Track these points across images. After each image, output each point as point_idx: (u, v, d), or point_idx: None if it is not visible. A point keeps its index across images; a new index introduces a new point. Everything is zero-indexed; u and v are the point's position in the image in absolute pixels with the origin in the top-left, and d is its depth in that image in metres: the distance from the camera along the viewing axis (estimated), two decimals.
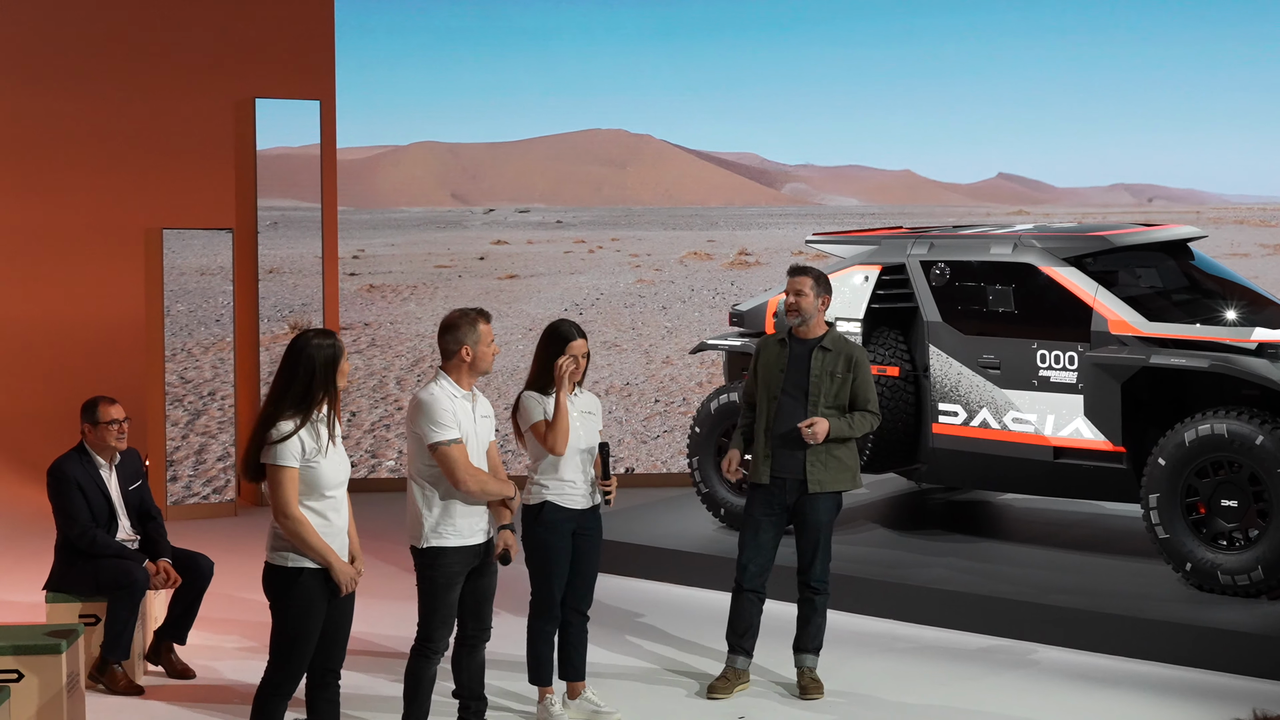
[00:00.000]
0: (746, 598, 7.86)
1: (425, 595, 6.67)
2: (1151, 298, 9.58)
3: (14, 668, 7.15)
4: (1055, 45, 14.44)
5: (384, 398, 13.91)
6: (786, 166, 14.97)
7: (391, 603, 9.47)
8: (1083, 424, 9.34)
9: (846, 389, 7.72)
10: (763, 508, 7.79)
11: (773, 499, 7.77)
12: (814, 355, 7.72)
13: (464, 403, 6.65)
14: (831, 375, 7.69)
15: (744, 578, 7.85)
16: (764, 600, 7.90)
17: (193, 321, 12.82)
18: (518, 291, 14.21)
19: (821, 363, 7.70)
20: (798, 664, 7.91)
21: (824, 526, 7.78)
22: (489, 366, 6.71)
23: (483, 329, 6.66)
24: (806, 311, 7.74)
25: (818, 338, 7.77)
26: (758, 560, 7.82)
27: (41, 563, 8.71)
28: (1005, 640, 8.71)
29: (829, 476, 7.72)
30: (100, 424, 8.26)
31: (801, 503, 7.74)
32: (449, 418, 6.53)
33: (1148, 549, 9.26)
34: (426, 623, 6.68)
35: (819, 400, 7.66)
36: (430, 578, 6.62)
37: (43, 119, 13.74)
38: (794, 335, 7.82)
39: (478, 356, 6.65)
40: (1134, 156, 14.80)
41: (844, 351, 7.76)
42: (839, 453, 7.74)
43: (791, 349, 7.79)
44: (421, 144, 14.75)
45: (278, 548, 6.00)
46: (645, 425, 14.04)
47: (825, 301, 7.79)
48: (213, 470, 12.78)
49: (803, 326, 7.78)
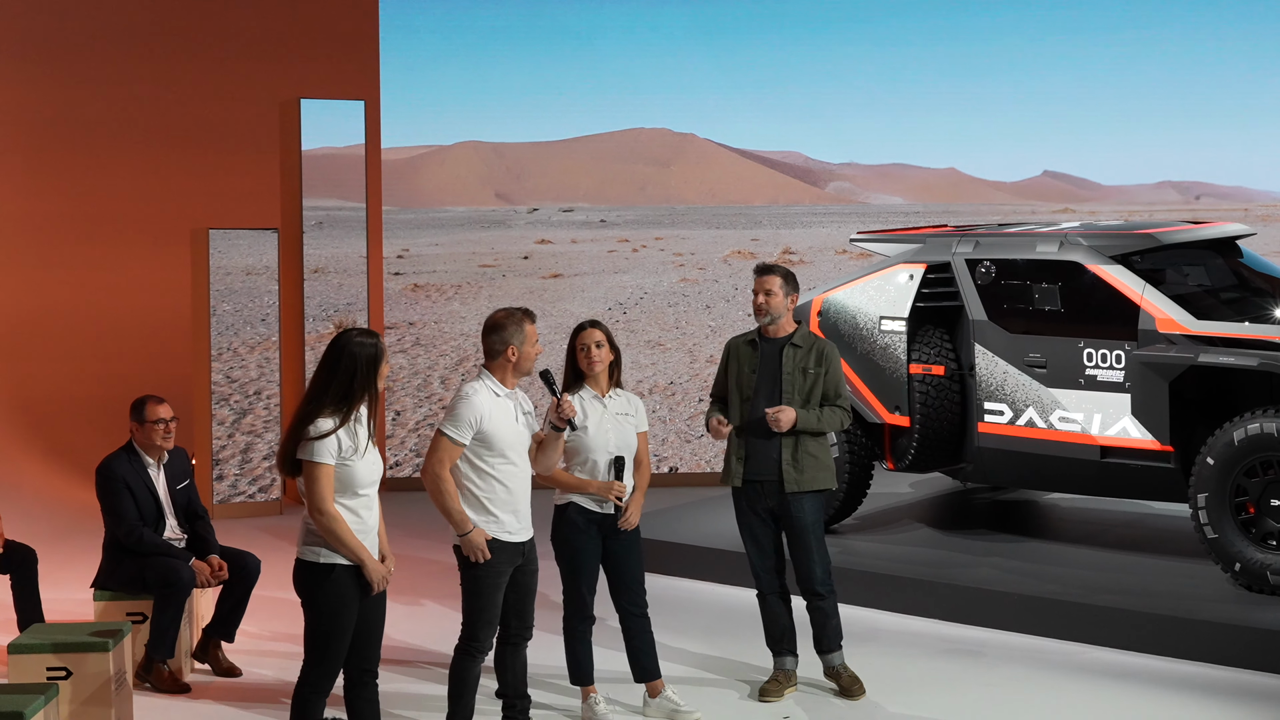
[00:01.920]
0: (771, 601, 7.82)
1: (469, 594, 6.68)
2: (1199, 296, 9.50)
3: (62, 665, 7.21)
4: (1101, 42, 14.34)
5: (428, 397, 13.95)
6: (831, 165, 14.92)
7: (431, 602, 9.49)
8: (1130, 423, 9.28)
9: (819, 385, 7.64)
10: (749, 514, 7.74)
11: (755, 502, 7.70)
12: (784, 353, 7.66)
13: (506, 402, 6.65)
14: (804, 371, 7.62)
15: (760, 584, 7.82)
16: (789, 598, 7.84)
17: (238, 321, 12.88)
18: (561, 291, 14.22)
19: (793, 360, 7.64)
20: (826, 665, 7.85)
21: (811, 527, 7.67)
22: (531, 367, 6.71)
23: (529, 329, 6.67)
24: (776, 310, 7.69)
25: (787, 335, 7.71)
26: (765, 563, 7.78)
27: (89, 561, 8.78)
28: (1052, 641, 8.66)
29: (805, 476, 7.61)
30: (147, 423, 8.31)
31: (784, 506, 7.65)
32: (466, 421, 6.53)
33: (1196, 549, 9.19)
34: (472, 622, 6.69)
35: (792, 397, 7.59)
36: (474, 575, 6.63)
37: (91, 119, 13.83)
38: (763, 335, 7.77)
39: (523, 357, 6.66)
40: (1181, 154, 14.68)
41: (814, 347, 7.69)
42: (813, 449, 7.64)
43: (762, 349, 7.74)
44: (466, 143, 14.78)
45: (310, 543, 6.03)
46: (689, 424, 14.02)
47: (793, 299, 7.75)
48: (258, 469, 12.84)
49: (772, 326, 7.73)
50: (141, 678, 8.01)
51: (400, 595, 6.36)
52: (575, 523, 7.27)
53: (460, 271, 14.29)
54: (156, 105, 13.85)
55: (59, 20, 13.83)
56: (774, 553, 7.80)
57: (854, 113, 14.57)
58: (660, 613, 7.85)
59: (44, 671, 7.18)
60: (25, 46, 13.75)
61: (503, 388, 6.67)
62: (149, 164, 13.84)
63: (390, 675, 6.35)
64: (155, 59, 13.88)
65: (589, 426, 7.20)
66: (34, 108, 13.75)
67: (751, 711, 7.63)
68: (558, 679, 7.75)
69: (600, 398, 7.29)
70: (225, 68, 13.86)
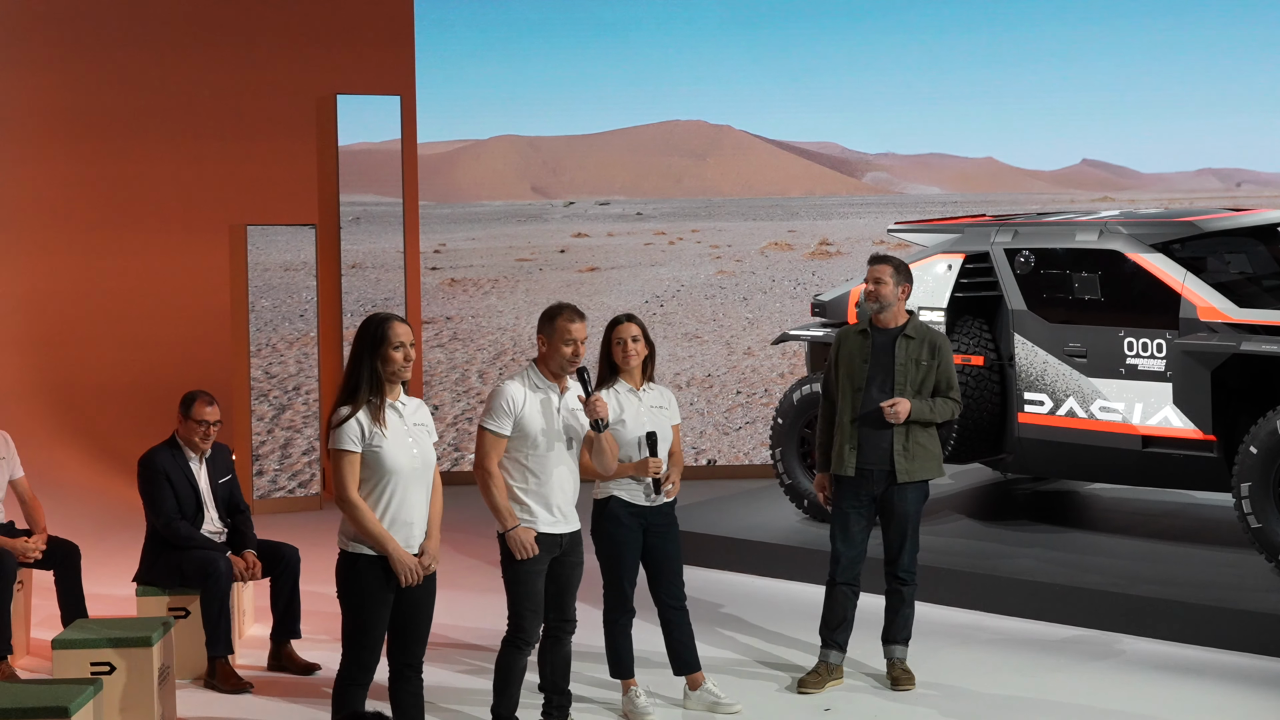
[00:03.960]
0: (841, 591, 7.81)
1: (510, 584, 6.68)
2: (1241, 284, 9.43)
3: (106, 660, 7.25)
4: (1139, 29, 14.24)
5: (465, 391, 13.97)
6: (867, 155, 14.87)
7: (475, 595, 9.51)
8: (1172, 412, 9.22)
9: (932, 377, 7.68)
10: (850, 500, 7.75)
11: (860, 491, 7.72)
12: (898, 344, 7.67)
13: (546, 394, 6.64)
14: (917, 363, 7.65)
15: (837, 571, 7.80)
16: (858, 593, 7.85)
17: (277, 317, 12.93)
18: (598, 284, 14.22)
19: (906, 351, 7.66)
20: (887, 655, 7.87)
21: (912, 517, 7.74)
22: (564, 363, 6.63)
23: (561, 324, 6.60)
24: (886, 299, 7.69)
25: (900, 326, 7.72)
26: (850, 553, 7.78)
27: (131, 555, 8.82)
28: (1094, 631, 8.62)
29: (916, 466, 7.67)
30: (190, 419, 8.35)
31: (889, 493, 7.69)
32: (503, 410, 6.54)
33: (1239, 539, 9.12)
34: (517, 613, 6.68)
35: (905, 389, 7.63)
36: (515, 565, 6.63)
37: (129, 114, 13.89)
38: (875, 325, 7.77)
39: (551, 350, 6.62)
40: (1221, 140, 14.57)
41: (927, 339, 7.71)
42: (923, 440, 7.70)
43: (874, 339, 7.74)
44: (501, 138, 14.79)
45: (344, 532, 6.05)
46: (727, 417, 14.01)
47: (905, 290, 7.74)
48: (298, 464, 12.89)
49: (883, 314, 7.73)
50: (209, 683, 8.01)
51: (441, 588, 6.35)
52: (616, 516, 7.26)
53: (497, 266, 14.30)
54: (194, 101, 13.91)
55: (99, 16, 13.89)
56: (862, 543, 7.81)
57: (891, 103, 14.52)
58: (699, 605, 7.85)
59: (88, 667, 7.23)
60: (65, 42, 13.82)
61: (543, 380, 6.66)
62: (187, 160, 13.90)
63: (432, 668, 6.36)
64: (192, 55, 13.93)
65: (626, 419, 7.19)
66: (72, 103, 13.83)
67: (791, 703, 7.62)
68: (598, 672, 7.75)
69: (635, 391, 7.28)
70: (262, 64, 13.90)
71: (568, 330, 6.61)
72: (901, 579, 7.82)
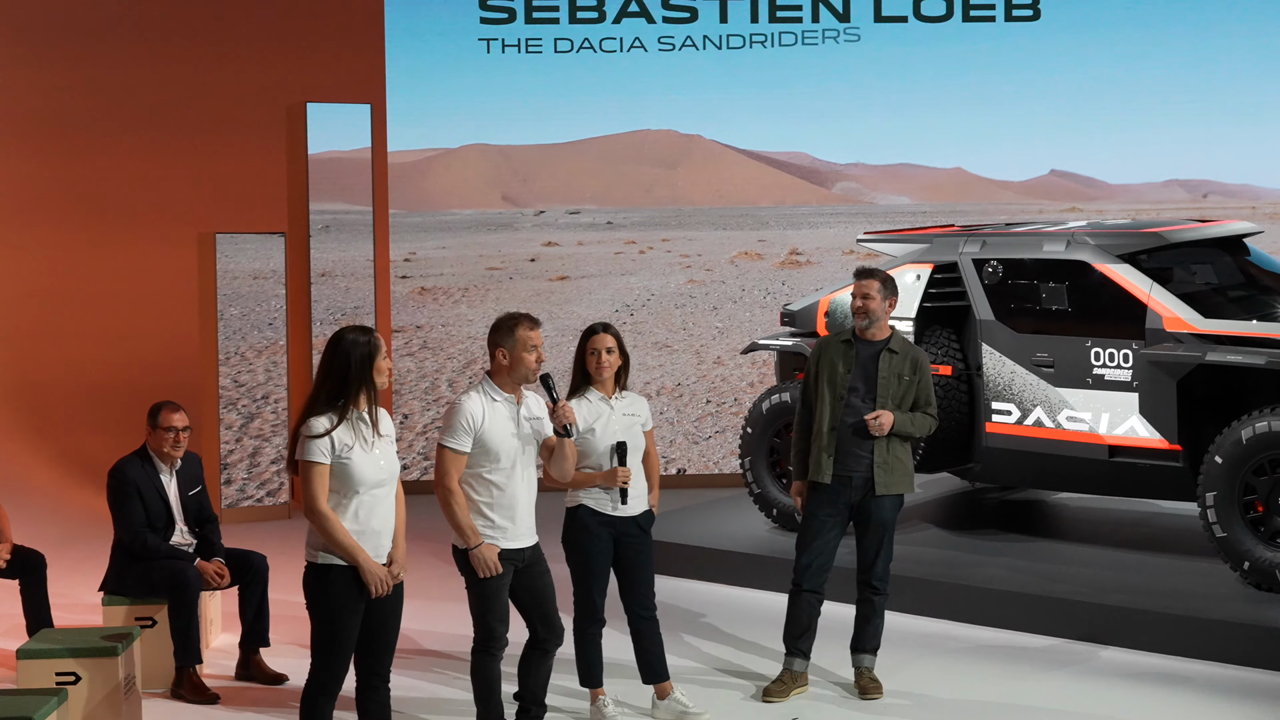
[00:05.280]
0: (806, 598, 7.83)
1: (474, 597, 6.67)
2: (1207, 294, 9.49)
3: (71, 670, 7.22)
4: (1107, 40, 14.32)
5: (435, 400, 13.95)
6: (837, 165, 14.90)
7: (443, 603, 9.49)
8: (1138, 422, 9.27)
9: (912, 392, 7.75)
10: (827, 507, 7.77)
11: (837, 498, 7.75)
12: (881, 357, 7.73)
13: (504, 406, 6.63)
14: (899, 378, 7.71)
15: (804, 578, 7.82)
16: (823, 601, 7.87)
17: (246, 325, 12.90)
18: (569, 293, 14.22)
19: (889, 365, 7.71)
20: (856, 664, 7.90)
21: (889, 525, 7.80)
22: (528, 373, 6.62)
23: (521, 334, 6.58)
24: (874, 314, 7.74)
25: (884, 340, 7.78)
26: (819, 560, 7.80)
27: (98, 565, 8.79)
28: (1062, 640, 8.66)
29: (893, 479, 7.73)
30: (159, 429, 8.33)
31: (867, 502, 7.73)
32: (462, 428, 6.52)
33: (1205, 548, 9.17)
34: (482, 621, 6.67)
35: (886, 402, 7.69)
36: (478, 581, 6.63)
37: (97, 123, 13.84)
38: (859, 337, 7.81)
39: (514, 361, 6.60)
40: (1188, 152, 14.65)
41: (910, 355, 7.79)
42: (900, 454, 7.76)
43: (858, 350, 7.78)
44: (472, 146, 14.78)
45: (312, 544, 6.04)
46: (697, 426, 14.02)
47: (891, 304, 7.82)
48: (266, 473, 12.85)
49: (870, 329, 7.77)
50: (176, 693, 7.97)
51: (410, 598, 6.34)
52: (586, 525, 7.27)
53: (467, 274, 14.29)
54: (163, 108, 13.86)
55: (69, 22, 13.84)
56: (832, 551, 7.84)
57: (860, 113, 14.56)
58: (667, 614, 7.85)
59: (53, 677, 7.19)
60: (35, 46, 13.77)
61: (500, 392, 6.64)
62: (156, 167, 13.85)
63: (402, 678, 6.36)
64: (162, 62, 13.89)
65: (596, 428, 7.19)
66: (40, 107, 13.78)
67: (758, 712, 7.64)
68: (567, 680, 7.75)
69: (607, 400, 7.28)
70: (231, 72, 13.87)
71: (529, 339, 6.60)
72: (875, 588, 7.84)
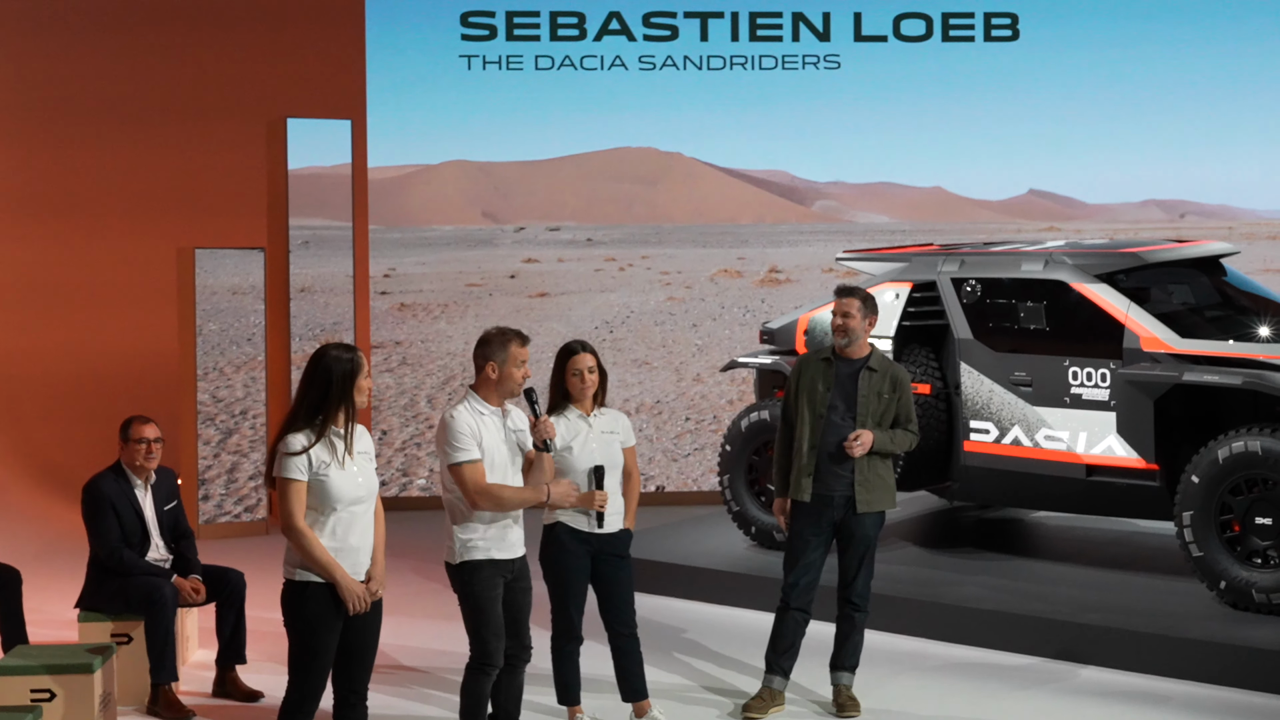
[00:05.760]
0: (793, 616, 7.84)
1: (471, 611, 6.64)
2: (1184, 314, 9.53)
3: (47, 687, 7.19)
4: (1085, 60, 14.39)
5: (414, 416, 13.93)
6: (817, 183, 14.94)
7: (424, 620, 9.47)
8: (1115, 441, 9.30)
9: (892, 410, 7.76)
10: (811, 526, 7.78)
11: (820, 516, 7.75)
12: (861, 376, 7.74)
13: (492, 419, 6.64)
14: (879, 396, 7.72)
15: (791, 596, 7.82)
16: (809, 619, 7.88)
17: (225, 340, 12.87)
18: (548, 310, 14.23)
19: (869, 383, 7.72)
20: (834, 682, 7.89)
21: (871, 543, 7.81)
22: (515, 388, 6.67)
23: (513, 350, 6.64)
24: (854, 333, 7.76)
25: (863, 358, 7.79)
26: (806, 578, 7.81)
27: (74, 581, 8.75)
28: (1039, 659, 8.67)
29: (874, 496, 7.74)
30: (130, 442, 8.30)
31: (849, 519, 7.74)
32: (467, 439, 6.52)
33: (1181, 567, 9.20)
34: (479, 637, 6.64)
35: (866, 420, 7.70)
36: (472, 593, 6.61)
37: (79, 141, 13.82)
38: (838, 355, 7.83)
39: (504, 376, 6.63)
40: (1166, 172, 14.72)
41: (889, 372, 7.80)
42: (881, 470, 7.77)
43: (837, 368, 7.80)
44: (452, 162, 14.78)
45: (289, 561, 6.02)
46: (675, 443, 14.02)
47: (871, 322, 7.83)
48: (244, 489, 12.82)
49: (850, 347, 7.79)
50: (152, 710, 7.94)
51: (389, 614, 6.33)
52: (563, 542, 7.26)
53: (447, 291, 14.28)
54: (143, 121, 13.84)
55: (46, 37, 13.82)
56: (817, 569, 7.84)
57: (840, 131, 14.60)
58: (647, 632, 7.84)
59: (28, 694, 7.16)
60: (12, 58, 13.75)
61: (486, 405, 6.65)
62: (135, 182, 13.83)
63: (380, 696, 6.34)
64: (142, 77, 13.88)
65: (574, 446, 7.19)
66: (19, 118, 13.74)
67: None
68: (545, 698, 7.74)
69: (585, 417, 7.29)
70: (212, 86, 13.86)
71: (521, 355, 6.67)
72: (855, 604, 7.85)
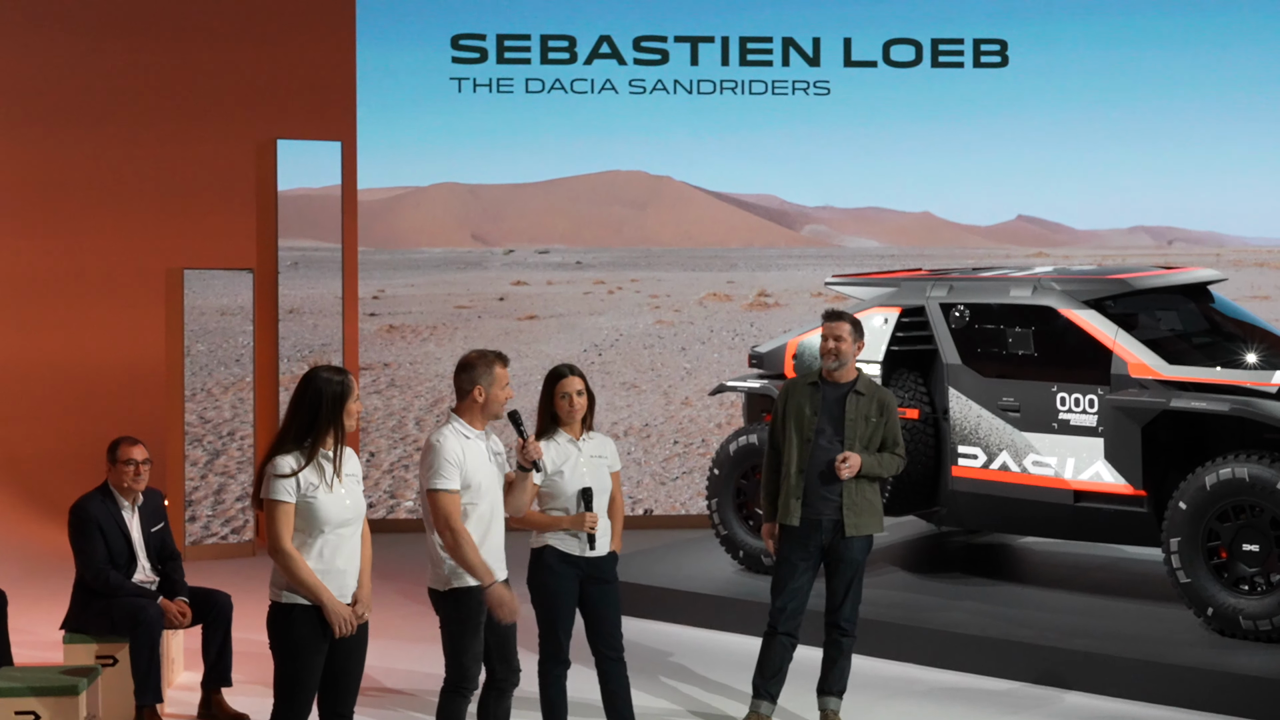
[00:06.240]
0: (780, 641, 7.83)
1: (453, 637, 6.61)
2: (1172, 341, 9.55)
3: (32, 709, 7.16)
4: (1074, 87, 14.45)
5: (403, 438, 13.92)
6: (806, 208, 14.97)
7: (408, 644, 9.44)
8: (1103, 467, 9.31)
9: (879, 433, 7.77)
10: (799, 551, 7.78)
11: (808, 541, 7.75)
12: (849, 400, 7.75)
13: (476, 443, 6.63)
14: (866, 419, 7.73)
15: (779, 620, 7.81)
16: (796, 644, 7.86)
17: (213, 361, 12.85)
18: (537, 332, 14.23)
19: (856, 407, 7.73)
20: (821, 706, 7.88)
21: (859, 567, 7.82)
22: (500, 410, 6.66)
23: (499, 372, 6.63)
24: (845, 356, 7.77)
25: (850, 382, 7.80)
26: (794, 603, 7.80)
27: (60, 602, 8.72)
28: (1026, 684, 8.66)
29: (863, 520, 7.75)
30: (118, 463, 8.28)
31: (837, 543, 7.74)
32: (450, 468, 6.50)
33: (1169, 593, 9.20)
34: (457, 663, 6.62)
35: (854, 444, 7.71)
36: (457, 619, 6.59)
37: (66, 159, 13.82)
38: (825, 379, 7.83)
39: (490, 399, 6.62)
40: (1154, 199, 14.77)
41: (877, 396, 7.81)
42: (869, 494, 7.78)
43: (824, 392, 7.80)
44: (442, 185, 14.80)
45: (276, 583, 6.00)
46: (664, 467, 14.02)
47: (860, 346, 7.85)
48: (231, 510, 12.79)
49: (838, 371, 7.79)
50: None
51: (374, 637, 6.31)
52: (551, 566, 7.24)
53: (436, 313, 14.29)
54: (133, 146, 13.85)
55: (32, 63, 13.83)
56: (805, 593, 7.84)
57: (829, 156, 14.64)
58: (635, 656, 7.82)
59: (13, 715, 7.13)
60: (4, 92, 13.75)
61: (471, 429, 6.64)
62: (124, 204, 13.83)
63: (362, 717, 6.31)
64: (131, 100, 13.88)
65: (564, 470, 7.18)
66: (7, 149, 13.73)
67: None
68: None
69: (575, 441, 7.27)
70: (202, 109, 13.87)
71: (505, 377, 6.65)
72: (843, 629, 7.84)
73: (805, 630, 7.99)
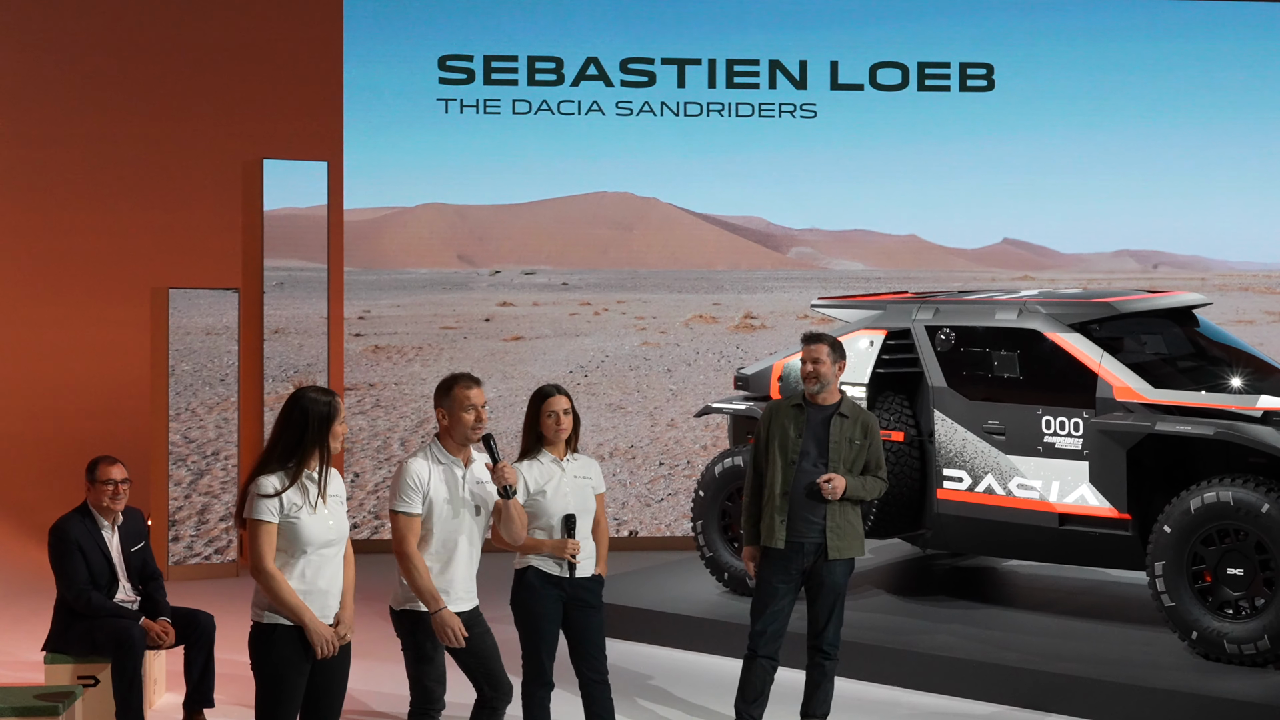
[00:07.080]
0: (760, 664, 7.81)
1: (413, 660, 6.62)
2: (1157, 364, 9.56)
3: None
4: (1060, 111, 14.51)
5: (387, 459, 13.89)
6: (792, 230, 15.00)
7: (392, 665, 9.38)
8: (1088, 490, 9.31)
9: (863, 456, 7.77)
10: (780, 574, 7.76)
11: (790, 564, 7.74)
12: (833, 422, 7.74)
13: (451, 469, 6.60)
14: (850, 442, 7.73)
15: (759, 644, 7.80)
16: (777, 667, 7.85)
17: (197, 381, 12.82)
18: (523, 353, 14.21)
19: (840, 430, 7.73)
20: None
21: (841, 590, 7.80)
22: (467, 432, 6.60)
23: (456, 393, 6.58)
24: (825, 378, 7.78)
25: (834, 404, 7.80)
26: (774, 625, 7.79)
27: (42, 622, 8.68)
28: (1010, 708, 8.65)
29: (845, 543, 7.74)
30: (97, 483, 8.25)
31: (819, 567, 7.73)
32: (411, 492, 6.49)
33: (1153, 617, 9.20)
34: (419, 685, 6.63)
35: (838, 466, 7.71)
36: (415, 643, 6.59)
37: (52, 178, 13.80)
38: (809, 401, 7.83)
39: (454, 420, 6.59)
40: (1139, 223, 14.83)
41: (860, 419, 7.81)
42: (851, 517, 7.77)
43: (808, 414, 7.80)
44: (428, 205, 14.80)
45: (258, 604, 5.98)
46: (649, 488, 14.00)
47: (841, 367, 7.85)
48: (215, 530, 12.75)
49: (821, 393, 7.79)
50: None
51: (357, 658, 6.28)
52: (534, 587, 7.21)
53: (421, 333, 14.27)
54: (119, 164, 13.84)
55: (19, 81, 13.82)
56: (786, 616, 7.83)
57: (816, 179, 14.67)
58: (617, 677, 7.80)
59: None
60: None
61: (446, 454, 6.62)
62: (111, 222, 13.81)
63: None
64: (120, 117, 13.88)
65: (547, 490, 7.15)
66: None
67: None
68: None
69: (559, 461, 7.25)
70: (189, 127, 13.87)
71: (466, 397, 6.59)
72: (825, 652, 7.83)
73: (787, 652, 7.97)
